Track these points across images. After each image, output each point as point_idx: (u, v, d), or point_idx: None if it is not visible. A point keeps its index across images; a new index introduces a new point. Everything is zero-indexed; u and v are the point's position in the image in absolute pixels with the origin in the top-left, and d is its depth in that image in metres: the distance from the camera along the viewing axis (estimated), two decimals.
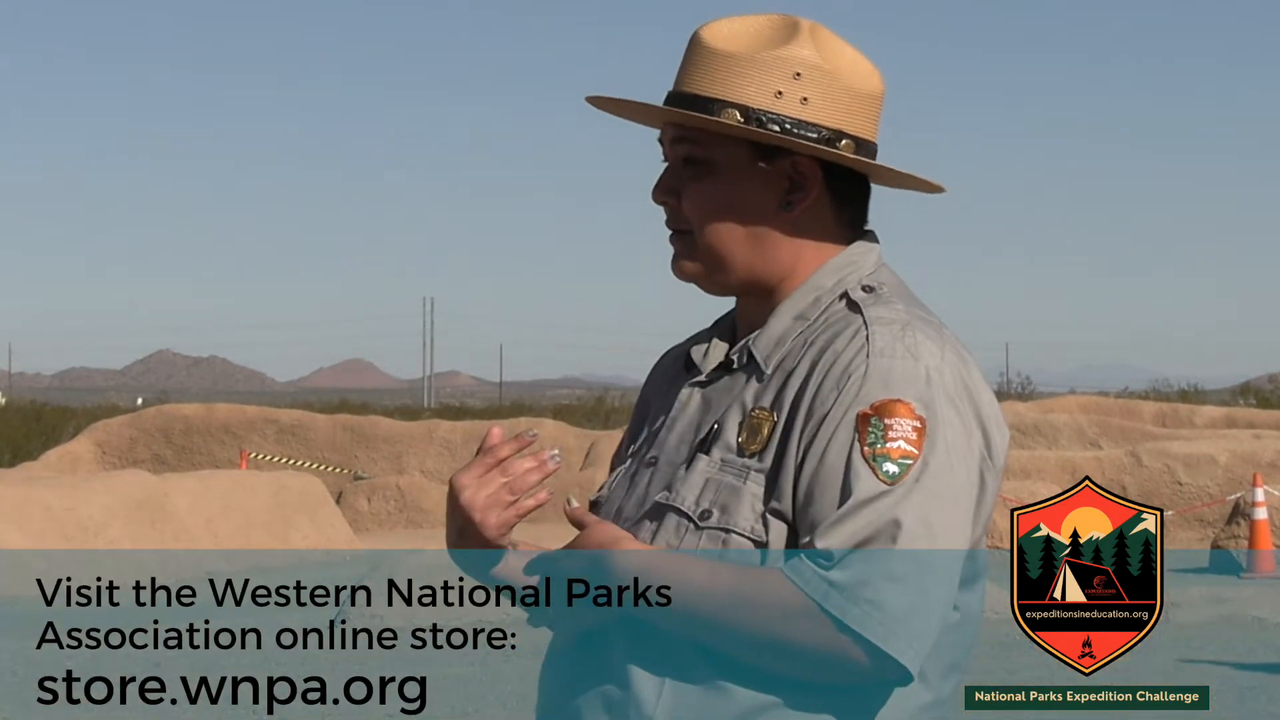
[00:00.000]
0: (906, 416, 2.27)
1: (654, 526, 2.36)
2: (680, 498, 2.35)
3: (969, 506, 2.31)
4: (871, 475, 2.24)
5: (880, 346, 2.31)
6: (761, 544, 2.29)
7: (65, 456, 28.71)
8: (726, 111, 2.39)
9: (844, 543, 2.21)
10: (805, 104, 2.40)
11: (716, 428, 2.38)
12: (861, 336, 2.33)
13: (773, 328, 2.42)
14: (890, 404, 2.27)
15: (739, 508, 2.31)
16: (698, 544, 2.31)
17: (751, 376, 2.40)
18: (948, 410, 2.29)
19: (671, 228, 2.47)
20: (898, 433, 2.26)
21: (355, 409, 37.18)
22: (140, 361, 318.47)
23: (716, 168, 2.42)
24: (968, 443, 2.31)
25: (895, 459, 2.25)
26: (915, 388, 2.28)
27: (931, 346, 2.32)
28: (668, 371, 2.59)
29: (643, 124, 2.55)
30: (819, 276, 2.43)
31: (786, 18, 2.45)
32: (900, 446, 2.25)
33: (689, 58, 2.45)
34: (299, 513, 20.64)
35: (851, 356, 2.31)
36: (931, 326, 2.37)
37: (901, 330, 2.33)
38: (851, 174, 2.46)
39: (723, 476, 2.34)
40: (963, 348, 2.39)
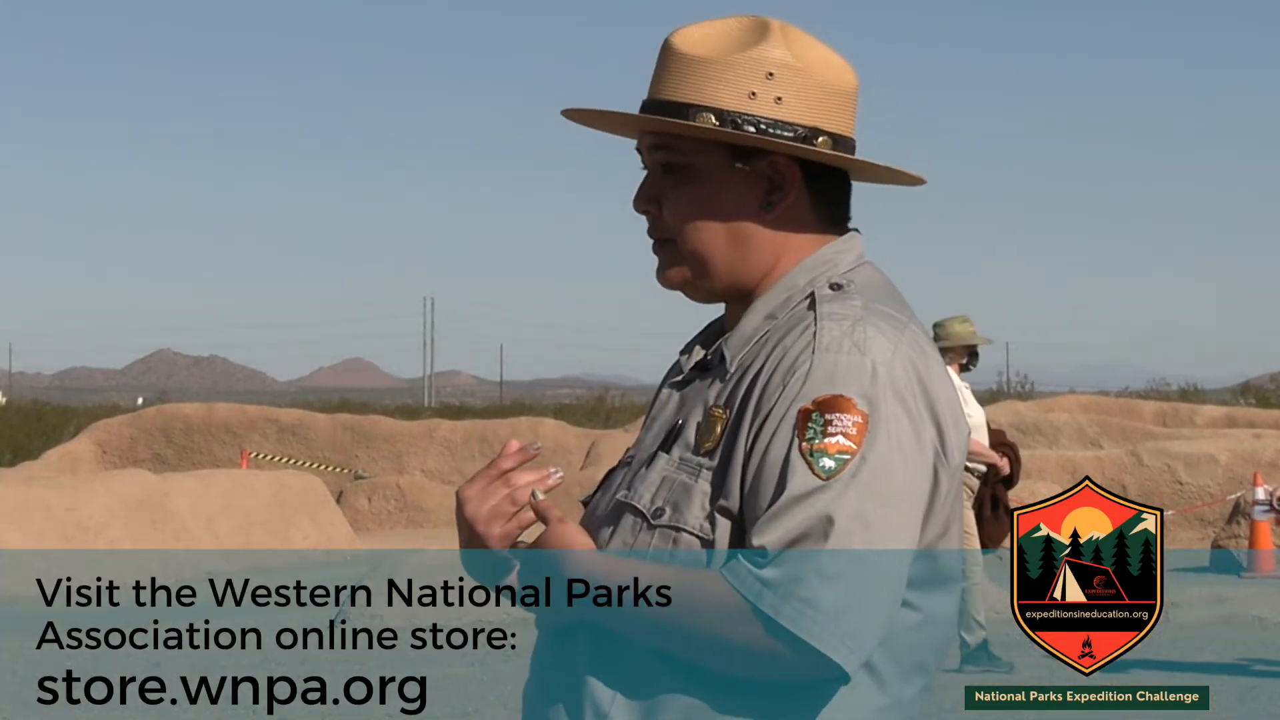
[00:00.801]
0: (848, 412, 2.25)
1: (613, 524, 2.38)
2: (638, 496, 2.36)
3: (916, 504, 2.28)
4: (807, 471, 2.22)
5: (826, 342, 2.30)
6: (709, 542, 2.29)
7: (65, 456, 28.71)
8: (701, 116, 2.39)
9: (778, 540, 2.20)
10: (779, 103, 2.40)
11: (680, 425, 2.39)
12: (810, 333, 2.32)
13: (744, 327, 2.42)
14: (832, 399, 2.26)
15: (689, 506, 2.31)
16: (650, 542, 2.32)
17: (718, 376, 2.41)
18: (894, 406, 2.26)
19: (654, 237, 2.47)
20: (837, 428, 2.24)
21: (356, 408, 37.18)
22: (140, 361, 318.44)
23: (695, 172, 2.42)
24: (916, 439, 2.28)
25: (832, 454, 2.23)
26: (859, 383, 2.26)
27: (883, 341, 2.30)
28: (669, 377, 2.60)
29: (618, 135, 2.55)
30: (793, 276, 2.43)
31: (756, 19, 2.45)
32: (838, 441, 2.23)
33: (661, 64, 2.45)
34: (299, 512, 20.64)
35: (798, 353, 2.31)
36: (889, 321, 2.34)
37: (852, 325, 2.32)
38: (830, 171, 2.46)
39: (678, 475, 2.35)
40: (925, 343, 2.37)
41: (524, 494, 2.41)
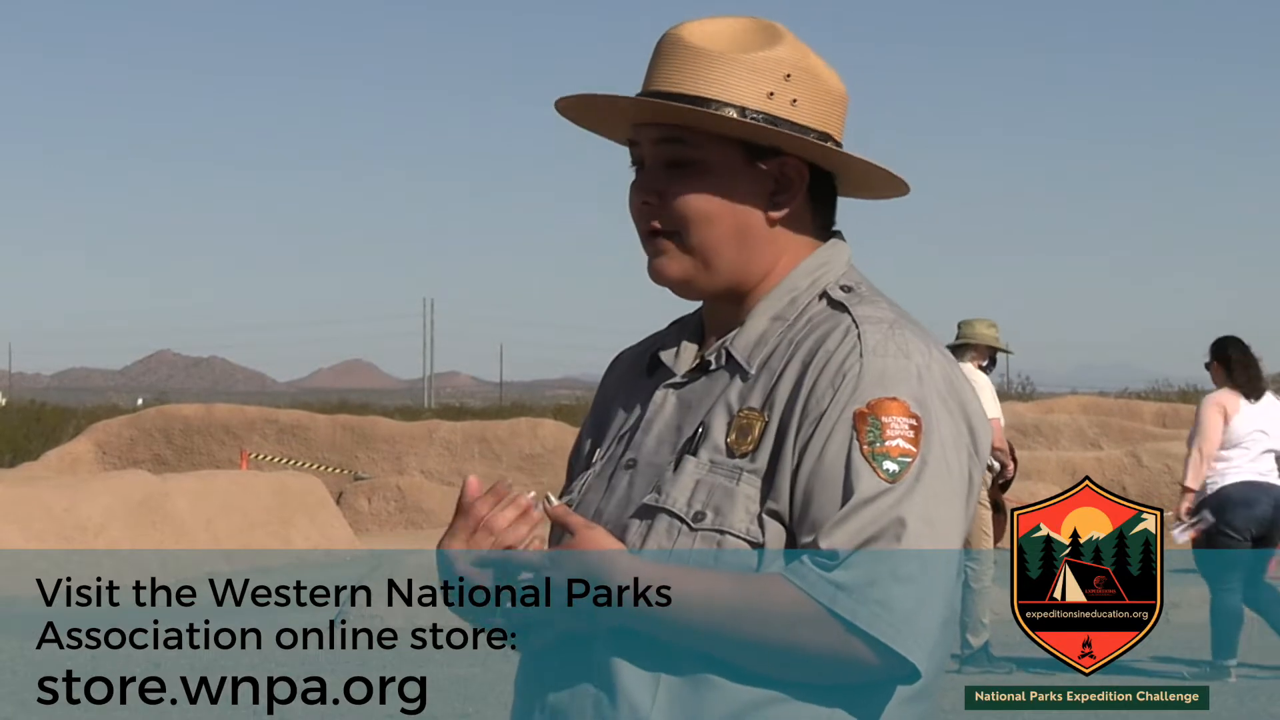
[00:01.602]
0: (902, 415, 2.27)
1: (644, 529, 2.34)
2: (671, 499, 2.33)
3: (964, 502, 2.32)
4: (872, 474, 2.24)
5: (873, 345, 2.31)
6: (758, 545, 2.28)
7: (65, 457, 28.68)
8: (724, 110, 2.38)
9: (848, 542, 2.20)
10: (795, 105, 2.40)
11: (703, 429, 2.37)
12: (854, 336, 2.33)
13: (750, 328, 2.41)
14: (886, 402, 2.27)
15: (733, 509, 2.30)
16: (691, 545, 2.30)
17: (734, 377, 2.39)
18: (939, 408, 2.30)
19: (653, 227, 2.43)
20: (895, 431, 2.26)
21: (355, 409, 37.14)
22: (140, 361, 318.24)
23: (708, 167, 2.40)
24: (957, 439, 2.31)
25: (895, 457, 2.25)
26: (909, 386, 2.29)
27: (920, 345, 2.34)
28: (627, 373, 2.57)
29: (605, 135, 2.52)
30: (793, 278, 2.43)
31: (764, 20, 2.45)
32: (899, 445, 2.25)
33: (667, 57, 2.42)
34: (299, 513, 20.62)
35: (845, 355, 2.31)
36: (915, 326, 2.38)
37: (890, 329, 2.34)
38: (825, 177, 2.47)
39: (714, 478, 2.33)
40: (943, 347, 2.41)
41: (511, 537, 2.34)
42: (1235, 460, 10.33)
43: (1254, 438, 10.35)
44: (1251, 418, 10.37)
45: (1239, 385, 10.45)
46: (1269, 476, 10.38)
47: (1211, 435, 10.37)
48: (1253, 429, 10.36)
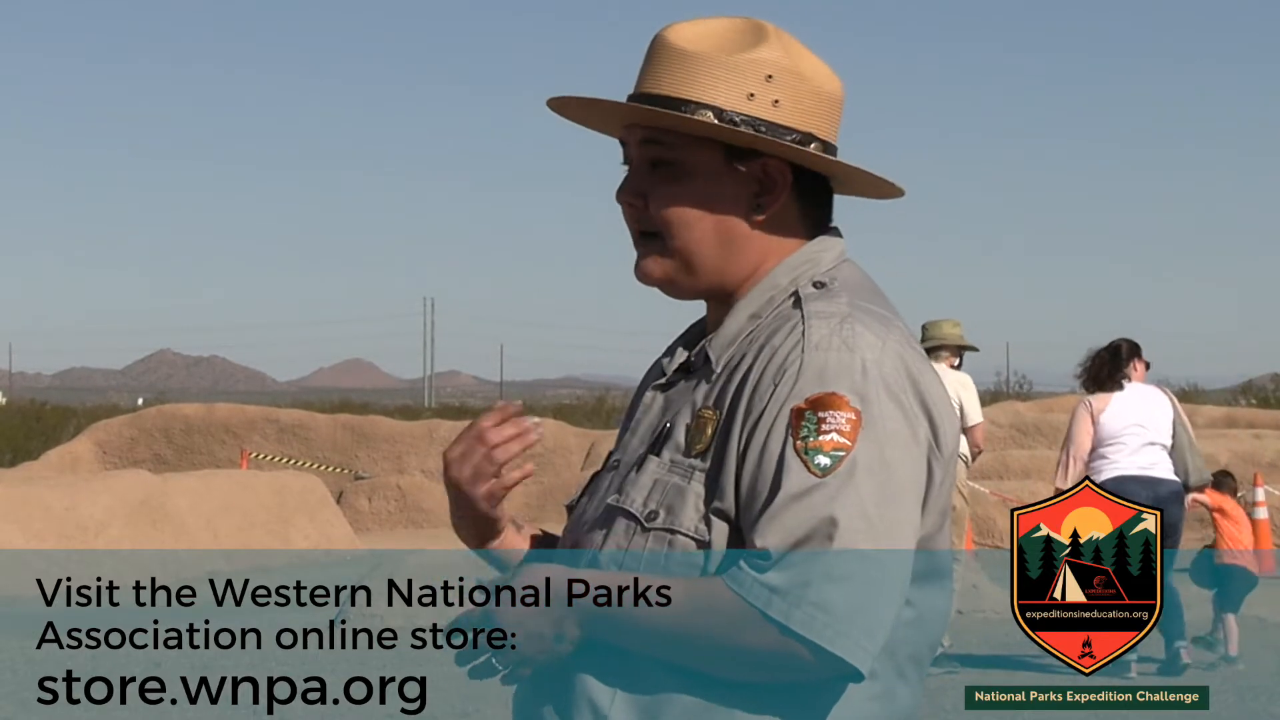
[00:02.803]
0: (841, 409, 2.24)
1: (605, 529, 2.36)
2: (630, 499, 2.35)
3: (915, 498, 2.28)
4: (803, 468, 2.22)
5: (815, 340, 2.30)
6: (704, 544, 2.28)
7: (65, 456, 28.68)
8: (700, 112, 2.38)
9: (781, 541, 2.19)
10: (777, 106, 2.40)
11: (668, 428, 2.38)
12: (798, 332, 2.32)
13: (728, 327, 2.41)
14: (825, 397, 2.25)
15: (684, 508, 2.30)
16: (645, 545, 2.31)
17: (704, 377, 2.40)
18: (886, 402, 2.26)
19: (638, 229, 2.45)
20: (831, 425, 2.23)
21: (356, 409, 37.15)
22: (140, 361, 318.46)
23: (688, 169, 2.41)
24: (911, 433, 2.28)
25: (827, 451, 2.22)
26: (850, 379, 2.26)
27: (870, 338, 2.30)
28: (649, 379, 2.59)
29: (597, 130, 2.53)
30: (774, 276, 2.42)
31: (752, 20, 2.45)
32: (833, 439, 2.23)
33: (653, 59, 2.43)
34: (299, 513, 20.63)
35: (788, 352, 2.30)
36: (875, 318, 2.34)
37: (839, 323, 2.31)
38: (816, 177, 2.46)
39: (670, 477, 2.33)
40: (911, 338, 2.38)
41: (504, 452, 2.41)
42: (1112, 457, 10.40)
43: (1130, 432, 10.42)
44: (1122, 413, 10.47)
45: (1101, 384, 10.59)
46: (1153, 470, 10.39)
47: (1079, 437, 10.50)
48: (1127, 424, 10.43)
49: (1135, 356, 10.68)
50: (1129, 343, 10.73)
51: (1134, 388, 10.59)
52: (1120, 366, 10.61)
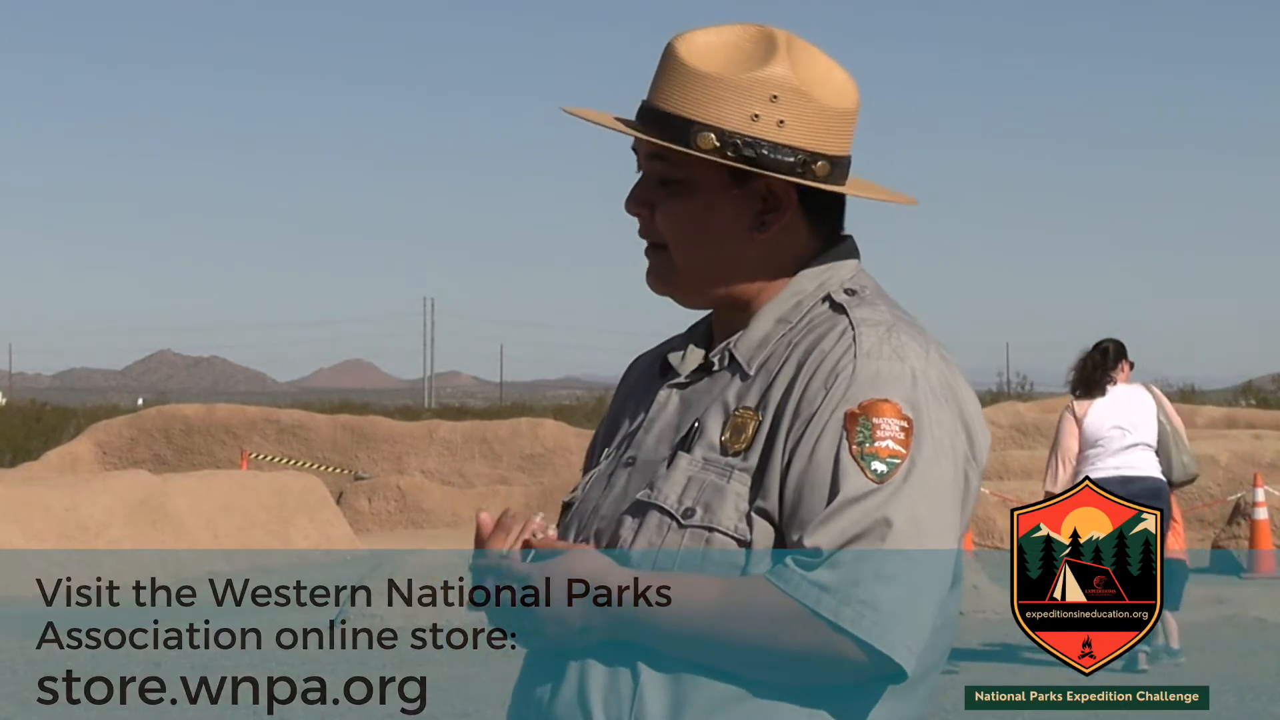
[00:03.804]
0: (893, 416, 2.27)
1: (635, 524, 2.36)
2: (663, 495, 2.35)
3: (956, 505, 2.31)
4: (860, 473, 2.24)
5: (867, 347, 2.32)
6: (745, 543, 2.28)
7: (65, 457, 28.70)
8: (702, 135, 2.38)
9: (832, 541, 2.21)
10: (782, 126, 2.39)
11: (698, 426, 2.38)
12: (849, 337, 2.33)
13: (754, 330, 2.42)
14: (877, 404, 2.28)
15: (723, 506, 2.31)
16: (680, 542, 2.31)
17: (734, 377, 2.40)
18: (934, 410, 2.30)
19: (645, 239, 2.46)
20: (885, 432, 2.26)
21: (356, 409, 37.15)
22: (140, 362, 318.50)
23: (691, 187, 2.41)
24: (953, 442, 2.31)
25: (883, 458, 2.25)
26: (902, 388, 2.29)
27: (916, 348, 2.33)
28: (642, 377, 2.59)
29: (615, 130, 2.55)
30: (799, 281, 2.43)
31: (763, 31, 2.43)
32: (888, 446, 2.25)
33: (664, 71, 2.43)
34: (299, 513, 20.64)
35: (839, 357, 2.32)
36: (914, 328, 2.38)
37: (887, 331, 2.34)
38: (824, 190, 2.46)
39: (706, 475, 2.34)
40: (944, 350, 2.40)
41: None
42: (1093, 459, 10.56)
43: (1112, 434, 10.57)
44: (1104, 416, 10.62)
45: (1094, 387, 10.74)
46: (1136, 469, 10.51)
47: (1066, 441, 10.69)
48: (1109, 426, 10.58)
49: (1122, 358, 10.81)
50: (1115, 343, 10.85)
51: (1116, 390, 10.69)
52: (1109, 369, 10.71)
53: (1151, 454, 10.55)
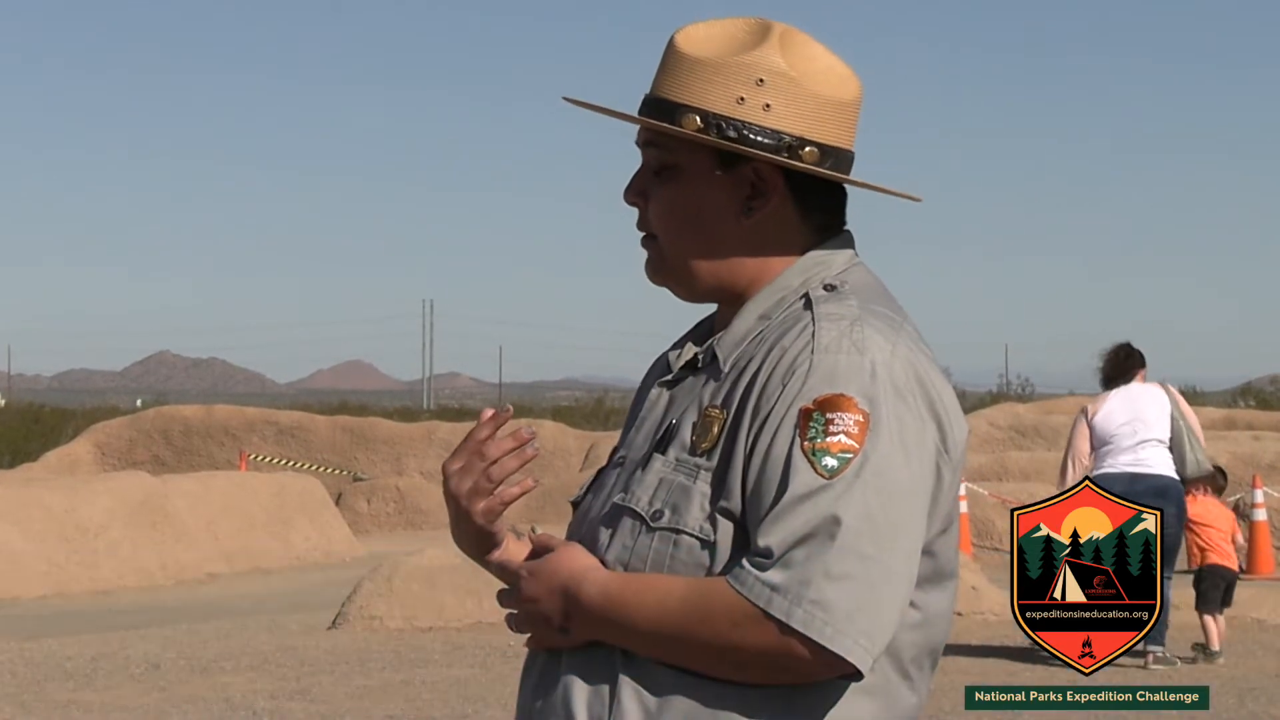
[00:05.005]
0: (849, 410, 2.23)
1: (611, 528, 2.36)
2: (635, 498, 2.34)
3: (921, 501, 2.27)
4: (809, 469, 2.21)
5: (825, 342, 2.29)
6: (709, 544, 2.27)
7: (65, 458, 28.69)
8: (687, 117, 2.37)
9: (784, 540, 2.19)
10: (768, 110, 2.37)
11: (674, 426, 2.37)
12: (808, 333, 2.31)
13: (737, 327, 2.40)
14: (833, 398, 2.24)
15: (689, 507, 2.30)
16: (650, 544, 2.30)
17: (711, 376, 2.39)
18: (894, 404, 2.26)
19: (641, 230, 2.46)
20: (839, 426, 2.23)
21: (355, 410, 37.14)
22: (139, 363, 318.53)
23: (681, 173, 2.41)
24: (919, 436, 2.27)
25: (835, 453, 2.22)
26: (859, 382, 2.25)
27: (880, 341, 2.29)
28: (652, 374, 2.58)
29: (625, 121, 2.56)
30: (785, 277, 2.41)
31: (760, 21, 2.43)
32: (840, 440, 2.22)
33: (663, 61, 2.44)
34: (299, 514, 20.62)
35: (797, 353, 2.29)
36: (885, 321, 2.34)
37: (850, 325, 2.31)
38: (821, 179, 2.43)
39: (675, 476, 2.33)
40: (921, 342, 2.37)
41: (501, 469, 2.40)
42: (1104, 458, 10.54)
43: (1124, 431, 10.56)
44: (1115, 415, 10.62)
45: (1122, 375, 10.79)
46: (1147, 465, 10.50)
47: (1078, 441, 10.69)
48: (1122, 423, 10.57)
49: (1142, 365, 10.89)
50: (1138, 349, 10.94)
51: (1130, 388, 10.71)
52: (1135, 366, 10.77)
53: (1164, 450, 10.56)
